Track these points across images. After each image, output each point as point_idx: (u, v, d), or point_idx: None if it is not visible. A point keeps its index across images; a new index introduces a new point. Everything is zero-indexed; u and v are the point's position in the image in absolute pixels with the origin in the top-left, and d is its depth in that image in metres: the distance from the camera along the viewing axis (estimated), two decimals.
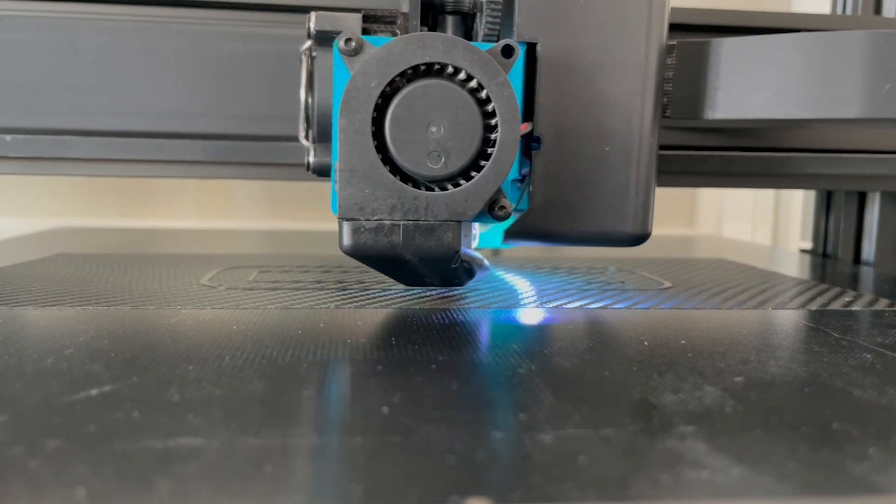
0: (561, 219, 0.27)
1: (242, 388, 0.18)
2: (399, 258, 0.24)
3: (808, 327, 0.26)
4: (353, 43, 0.23)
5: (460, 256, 0.25)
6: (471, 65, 0.23)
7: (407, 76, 0.23)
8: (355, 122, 0.23)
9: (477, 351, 0.22)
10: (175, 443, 0.14)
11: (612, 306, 0.29)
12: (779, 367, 0.20)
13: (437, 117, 0.23)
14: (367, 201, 0.23)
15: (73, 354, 0.20)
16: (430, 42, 0.23)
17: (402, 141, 0.23)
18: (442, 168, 0.23)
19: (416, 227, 0.24)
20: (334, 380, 0.18)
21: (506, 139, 0.23)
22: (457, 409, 0.17)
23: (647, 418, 0.16)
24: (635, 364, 0.21)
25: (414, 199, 0.23)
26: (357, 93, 0.23)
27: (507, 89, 0.23)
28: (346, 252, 0.24)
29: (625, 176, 0.27)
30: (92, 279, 0.33)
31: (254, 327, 0.24)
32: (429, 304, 0.28)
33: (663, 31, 0.27)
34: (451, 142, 0.23)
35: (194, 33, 0.40)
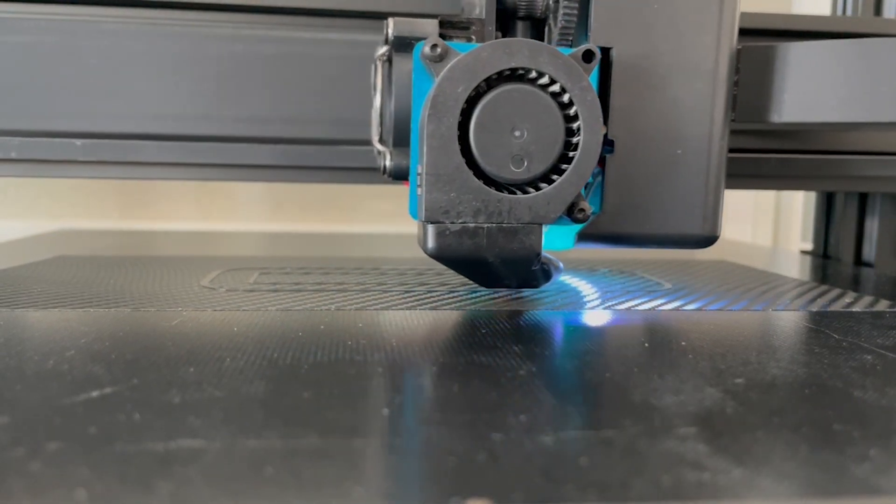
0: (632, 221, 0.28)
1: (243, 390, 0.18)
2: (482, 260, 0.25)
3: (808, 329, 0.26)
4: (439, 49, 0.24)
5: (540, 258, 0.25)
6: (555, 70, 0.23)
7: (488, 82, 0.24)
8: (442, 127, 0.23)
9: (475, 352, 0.22)
10: (176, 444, 0.14)
11: (611, 308, 0.29)
12: (779, 369, 0.20)
13: (521, 122, 0.23)
14: (452, 205, 0.24)
15: (75, 356, 0.20)
16: (516, 48, 0.23)
17: (486, 145, 0.24)
18: (524, 172, 0.24)
19: (500, 229, 0.24)
20: (335, 381, 0.18)
21: (588, 143, 0.24)
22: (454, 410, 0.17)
23: (648, 419, 0.16)
24: (636, 366, 0.21)
25: (498, 202, 0.24)
26: (444, 98, 0.23)
27: (591, 94, 0.24)
28: (431, 254, 0.24)
29: (696, 178, 0.28)
30: (93, 281, 0.33)
31: (254, 329, 0.24)
32: (428, 306, 0.28)
33: (733, 35, 0.28)
34: (534, 146, 0.24)
35: (196, 36, 0.40)
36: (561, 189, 0.24)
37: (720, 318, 0.28)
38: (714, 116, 0.28)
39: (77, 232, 0.60)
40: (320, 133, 0.42)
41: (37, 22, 0.39)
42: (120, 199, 0.71)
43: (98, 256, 0.42)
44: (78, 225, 0.69)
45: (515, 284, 0.29)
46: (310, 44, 0.41)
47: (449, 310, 0.28)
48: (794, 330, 0.26)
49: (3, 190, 0.70)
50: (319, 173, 0.43)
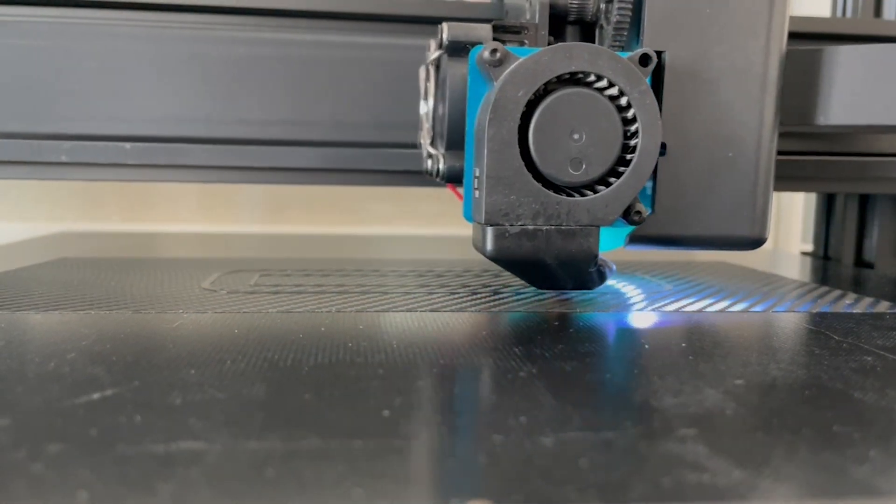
0: (683, 223, 0.28)
1: (244, 392, 0.18)
2: (540, 262, 0.25)
3: (808, 330, 0.26)
4: (499, 53, 0.24)
5: (598, 260, 0.25)
6: (614, 73, 0.24)
7: (546, 85, 0.24)
8: (503, 131, 0.23)
9: (475, 354, 0.22)
10: (177, 446, 0.14)
11: (612, 309, 0.29)
12: (779, 370, 0.21)
13: (579, 125, 0.24)
14: (512, 207, 0.24)
15: (76, 359, 0.20)
16: (577, 52, 0.23)
17: (545, 148, 0.24)
18: (583, 175, 0.24)
19: (558, 231, 0.24)
20: (336, 383, 0.18)
21: (647, 146, 0.24)
22: (454, 412, 0.17)
23: (648, 421, 0.16)
24: (636, 367, 0.21)
25: (556, 204, 0.24)
26: (505, 102, 0.23)
27: (649, 97, 0.24)
28: (490, 256, 0.25)
29: (747, 181, 0.28)
30: (94, 283, 0.33)
31: (255, 331, 0.24)
32: (428, 308, 0.28)
33: (783, 39, 0.28)
34: (592, 149, 0.24)
35: (195, 38, 0.41)
36: (619, 191, 0.24)
37: (720, 319, 0.28)
38: (764, 119, 0.28)
39: (78, 234, 0.60)
40: (321, 135, 0.42)
41: (34, 25, 0.40)
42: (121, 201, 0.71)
43: (99, 258, 0.42)
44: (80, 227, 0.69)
45: (571, 286, 0.29)
46: (309, 46, 0.41)
47: (449, 312, 0.28)
48: (794, 331, 0.26)
49: (5, 192, 0.70)
50: (320, 175, 0.43)
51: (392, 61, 0.42)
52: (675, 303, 0.31)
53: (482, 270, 0.39)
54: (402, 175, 0.43)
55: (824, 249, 0.52)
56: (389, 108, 0.42)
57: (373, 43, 0.42)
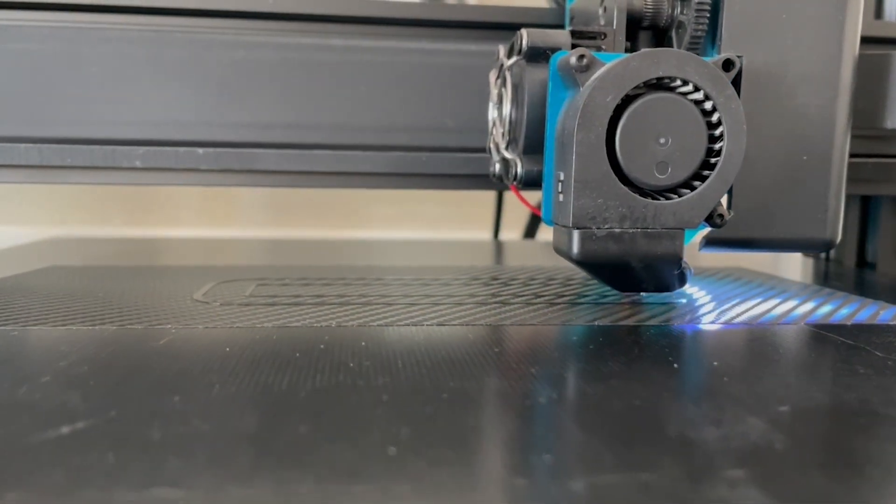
0: (759, 226, 0.28)
1: (232, 424, 0.16)
2: (625, 265, 0.25)
3: (846, 345, 0.24)
4: (586, 59, 0.24)
5: (682, 262, 0.26)
6: (701, 78, 0.24)
7: (636, 91, 0.24)
8: (591, 136, 0.24)
9: (488, 375, 0.20)
10: (151, 495, 0.12)
11: (632, 322, 0.27)
12: (824, 393, 0.19)
13: (665, 129, 0.24)
14: (599, 211, 0.24)
15: (49, 384, 0.19)
16: (664, 57, 0.24)
17: (632, 152, 0.24)
18: (668, 178, 0.24)
19: (644, 234, 0.24)
20: (335, 412, 0.17)
21: (732, 150, 0.24)
22: (469, 448, 0.15)
23: (688, 459, 0.14)
24: (666, 390, 0.19)
25: (643, 208, 0.24)
26: (594, 107, 0.24)
27: (735, 102, 0.24)
28: (577, 259, 0.25)
29: (821, 183, 0.28)
30: (80, 294, 0.31)
31: (248, 349, 0.22)
32: (434, 321, 0.27)
33: (856, 44, 0.29)
34: (678, 153, 0.24)
35: (198, 42, 0.40)
36: (704, 195, 0.24)
37: (750, 333, 0.26)
38: (837, 123, 0.28)
39: (73, 239, 0.59)
40: (322, 138, 0.41)
41: (37, 29, 0.39)
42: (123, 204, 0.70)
43: (90, 266, 0.40)
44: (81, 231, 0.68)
45: (653, 288, 0.29)
46: (312, 49, 0.40)
47: (457, 325, 0.26)
48: (831, 346, 0.24)
49: (7, 196, 0.69)
50: (322, 178, 0.42)
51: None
52: (696, 314, 0.29)
53: (490, 279, 0.37)
54: (404, 178, 0.42)
55: (826, 251, 0.51)
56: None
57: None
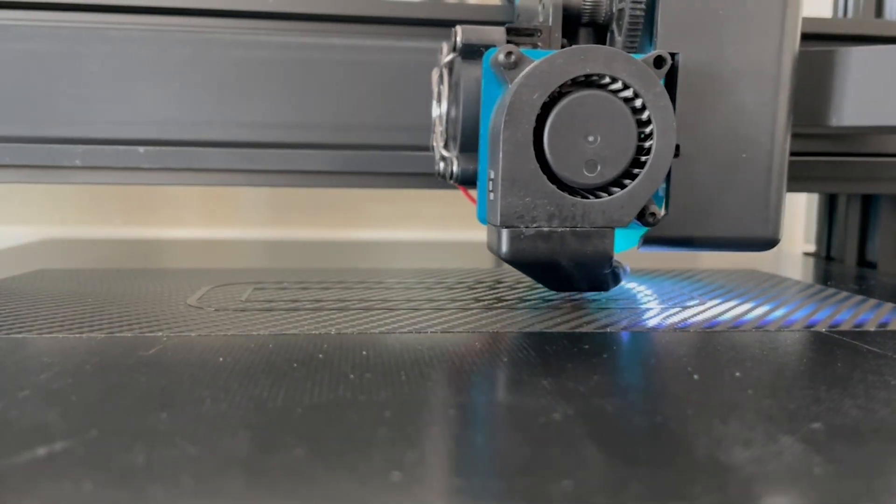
0: (698, 224, 0.28)
1: (222, 445, 0.15)
2: (555, 264, 0.25)
3: (873, 353, 0.23)
4: (513, 56, 0.24)
5: (613, 262, 0.25)
6: (629, 76, 0.23)
7: (560, 88, 0.24)
8: (518, 133, 0.23)
9: (492, 390, 0.19)
10: None
11: (645, 326, 0.26)
12: (858, 408, 0.17)
13: (594, 127, 0.23)
14: (527, 209, 0.24)
15: (28, 399, 0.17)
16: (592, 54, 0.23)
17: (560, 150, 0.23)
18: (598, 176, 0.24)
19: (573, 233, 0.24)
20: (334, 431, 0.15)
21: (661, 148, 0.24)
22: (480, 472, 0.14)
23: (721, 485, 0.13)
24: (689, 406, 0.17)
25: (572, 206, 0.24)
26: (521, 104, 0.23)
27: (664, 99, 0.24)
28: (506, 259, 0.24)
29: (761, 181, 0.28)
30: (69, 300, 0.30)
31: (242, 359, 0.21)
32: (439, 328, 0.25)
33: (796, 40, 0.28)
34: (607, 150, 0.24)
35: (199, 41, 0.39)
36: (634, 193, 0.24)
37: (771, 340, 0.24)
38: (778, 120, 0.28)
39: (64, 241, 0.57)
40: (323, 138, 0.40)
41: (38, 28, 0.38)
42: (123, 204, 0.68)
43: (81, 270, 0.39)
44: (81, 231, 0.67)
45: (587, 288, 0.29)
46: (312, 49, 0.40)
47: (463, 332, 0.25)
48: (857, 355, 0.23)
49: (7, 196, 0.68)
50: (322, 178, 0.41)
51: (398, 64, 0.40)
52: (714, 319, 0.27)
53: (495, 282, 0.35)
54: (404, 177, 0.41)
55: (827, 250, 0.51)
56: (393, 110, 0.40)
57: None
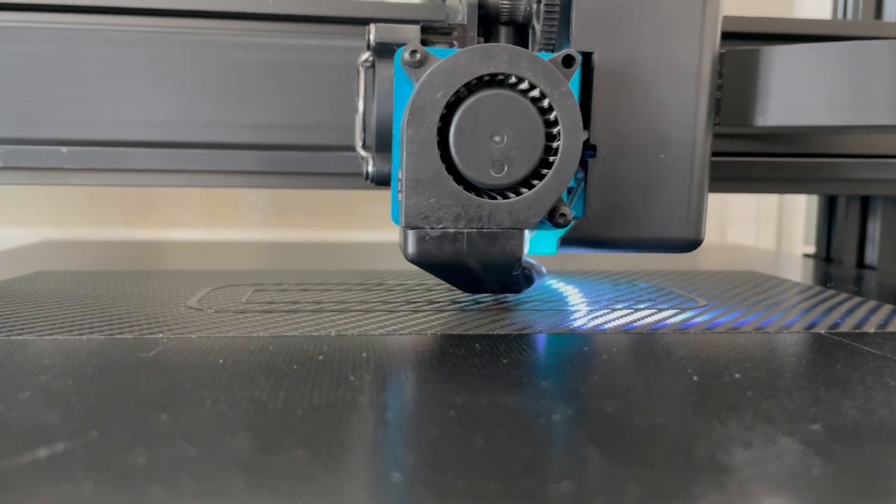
0: (616, 225, 0.27)
1: (222, 446, 0.15)
2: (462, 266, 0.24)
3: (871, 354, 0.23)
4: (419, 55, 0.24)
5: (522, 263, 0.25)
6: (534, 75, 0.23)
7: (472, 87, 0.23)
8: (422, 133, 0.23)
9: (500, 390, 0.19)
10: None
11: (645, 329, 0.26)
12: (858, 409, 0.17)
13: (501, 127, 0.23)
14: (432, 210, 0.23)
15: (29, 400, 0.17)
16: (495, 53, 0.23)
17: (466, 150, 0.23)
18: (505, 177, 0.23)
19: (480, 234, 0.24)
20: (333, 434, 0.15)
21: (568, 148, 0.24)
22: (481, 474, 0.14)
23: (720, 486, 0.13)
24: (690, 407, 0.18)
25: (478, 207, 0.24)
26: (423, 103, 0.23)
27: (570, 99, 0.23)
28: (411, 260, 0.24)
29: (680, 182, 0.27)
30: (69, 302, 0.30)
31: (242, 361, 0.21)
32: (440, 329, 0.25)
33: (716, 39, 0.27)
34: (514, 151, 0.23)
35: (198, 43, 0.39)
36: (541, 194, 0.24)
37: (771, 341, 0.24)
38: (697, 120, 0.27)
39: (64, 243, 0.57)
40: (322, 139, 0.40)
41: (38, 31, 0.38)
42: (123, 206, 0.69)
43: (81, 272, 0.39)
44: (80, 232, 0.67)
45: (498, 289, 0.28)
46: (311, 51, 0.40)
47: (463, 333, 0.25)
48: (856, 356, 0.23)
49: (7, 198, 0.68)
50: (321, 179, 0.42)
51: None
52: (715, 321, 0.27)
53: None
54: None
55: (826, 251, 0.52)
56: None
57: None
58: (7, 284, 0.34)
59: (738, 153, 0.43)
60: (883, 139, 0.45)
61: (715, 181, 0.44)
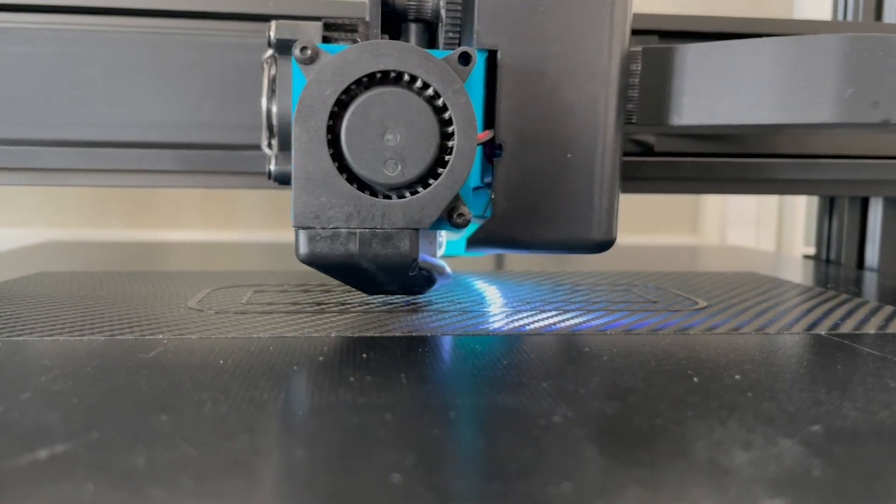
0: (524, 226, 0.27)
1: (223, 447, 0.15)
2: (356, 266, 0.24)
3: (872, 356, 0.23)
4: (309, 51, 0.23)
5: (418, 264, 0.25)
6: (426, 72, 0.23)
7: (366, 84, 0.23)
8: (310, 130, 0.23)
9: (503, 391, 0.19)
10: None
11: (646, 330, 0.26)
12: (858, 411, 0.17)
13: (394, 125, 0.23)
14: (323, 209, 0.23)
15: (29, 401, 0.17)
16: (385, 50, 0.23)
17: (359, 149, 0.23)
18: (399, 176, 0.23)
19: (373, 234, 0.23)
20: (334, 433, 0.15)
21: (462, 146, 0.23)
22: (484, 475, 0.14)
23: (721, 488, 0.13)
24: (690, 409, 0.18)
25: (371, 206, 0.23)
26: (311, 101, 0.23)
27: (463, 97, 0.23)
28: (302, 260, 0.24)
29: (588, 182, 0.27)
30: (69, 303, 0.30)
31: (243, 362, 0.21)
32: (439, 328, 0.25)
33: (625, 37, 0.27)
34: (408, 149, 0.23)
35: (198, 45, 0.39)
36: (436, 193, 0.23)
37: (771, 343, 0.24)
38: (606, 120, 0.27)
39: (64, 244, 0.57)
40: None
41: (38, 31, 0.38)
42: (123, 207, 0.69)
43: (82, 272, 0.39)
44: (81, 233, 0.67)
45: (398, 290, 0.28)
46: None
47: (463, 334, 0.25)
48: (857, 358, 0.23)
49: (8, 198, 0.68)
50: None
51: None
52: (715, 322, 0.27)
53: (496, 284, 0.35)
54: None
55: (826, 253, 0.52)
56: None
57: None
58: (7, 285, 0.34)
59: (738, 154, 0.43)
60: (883, 139, 0.45)
61: (715, 182, 0.44)
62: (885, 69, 0.26)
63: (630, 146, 0.42)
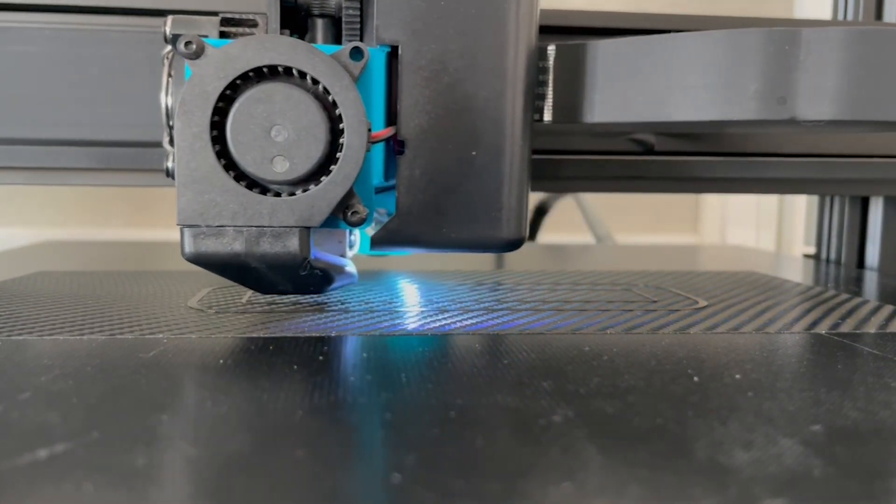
0: (429, 225, 0.26)
1: (222, 447, 0.15)
2: (244, 265, 0.24)
3: (873, 356, 0.23)
4: (194, 46, 0.22)
5: (310, 263, 0.24)
6: (313, 68, 0.22)
7: (256, 80, 0.23)
8: (192, 126, 0.22)
9: (499, 391, 0.19)
10: None
11: (646, 330, 0.26)
12: (858, 410, 0.17)
13: (281, 121, 0.22)
14: (208, 207, 0.23)
15: (29, 401, 0.17)
16: (272, 45, 0.22)
17: (245, 145, 0.22)
18: (287, 173, 0.22)
19: (261, 233, 0.23)
20: (334, 433, 0.15)
21: (351, 143, 0.23)
22: (481, 474, 0.14)
23: (721, 487, 0.13)
24: (690, 407, 0.17)
25: (258, 204, 0.23)
26: (193, 96, 0.22)
27: (352, 93, 0.23)
28: (188, 259, 0.23)
29: (495, 180, 0.26)
30: (69, 302, 0.30)
31: (243, 362, 0.21)
32: (440, 328, 0.25)
33: (531, 32, 0.26)
34: (296, 146, 0.22)
35: None
36: (326, 191, 0.23)
37: (772, 342, 0.24)
38: (512, 117, 0.26)
39: (63, 243, 0.57)
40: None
41: (38, 31, 0.39)
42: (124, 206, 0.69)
43: (81, 272, 0.39)
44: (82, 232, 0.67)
45: (293, 290, 0.28)
46: None
47: (465, 333, 0.25)
48: (858, 357, 0.23)
49: (9, 198, 0.68)
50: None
51: None
52: (714, 322, 0.27)
53: (495, 283, 0.35)
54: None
55: (826, 252, 0.52)
56: None
57: None
58: (7, 285, 0.34)
59: (738, 153, 0.43)
60: (884, 139, 0.45)
61: (715, 182, 0.44)
62: (791, 64, 0.25)
63: (630, 146, 0.42)
